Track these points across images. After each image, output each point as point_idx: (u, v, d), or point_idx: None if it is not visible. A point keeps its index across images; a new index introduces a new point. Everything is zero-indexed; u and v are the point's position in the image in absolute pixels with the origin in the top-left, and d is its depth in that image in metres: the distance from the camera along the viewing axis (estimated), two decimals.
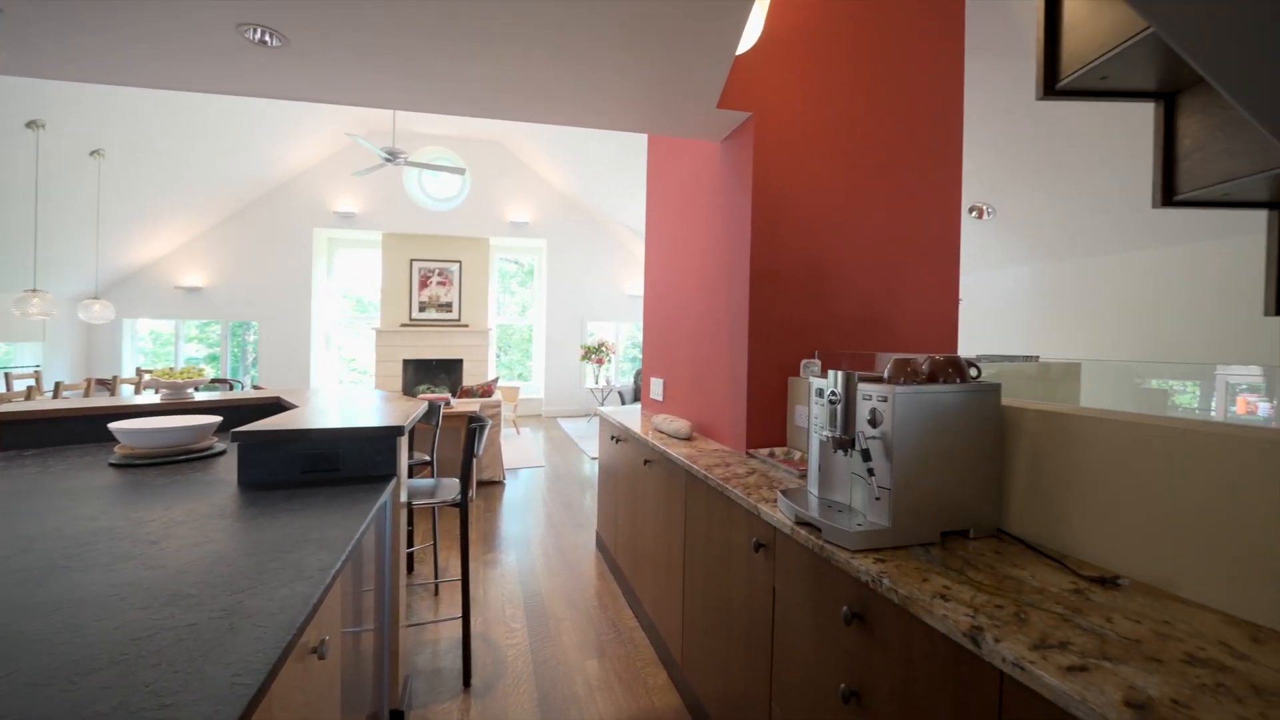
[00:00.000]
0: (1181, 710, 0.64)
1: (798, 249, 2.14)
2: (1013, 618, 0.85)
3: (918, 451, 1.14)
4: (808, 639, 1.23)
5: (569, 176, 8.14)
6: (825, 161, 2.17)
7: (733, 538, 1.61)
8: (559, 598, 2.78)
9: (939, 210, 2.27)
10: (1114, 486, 1.02)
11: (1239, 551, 0.85)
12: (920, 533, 1.14)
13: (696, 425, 2.55)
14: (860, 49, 2.21)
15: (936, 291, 2.27)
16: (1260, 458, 0.83)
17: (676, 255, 2.91)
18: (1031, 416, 1.17)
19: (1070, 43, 1.04)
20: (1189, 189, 1.01)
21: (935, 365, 1.26)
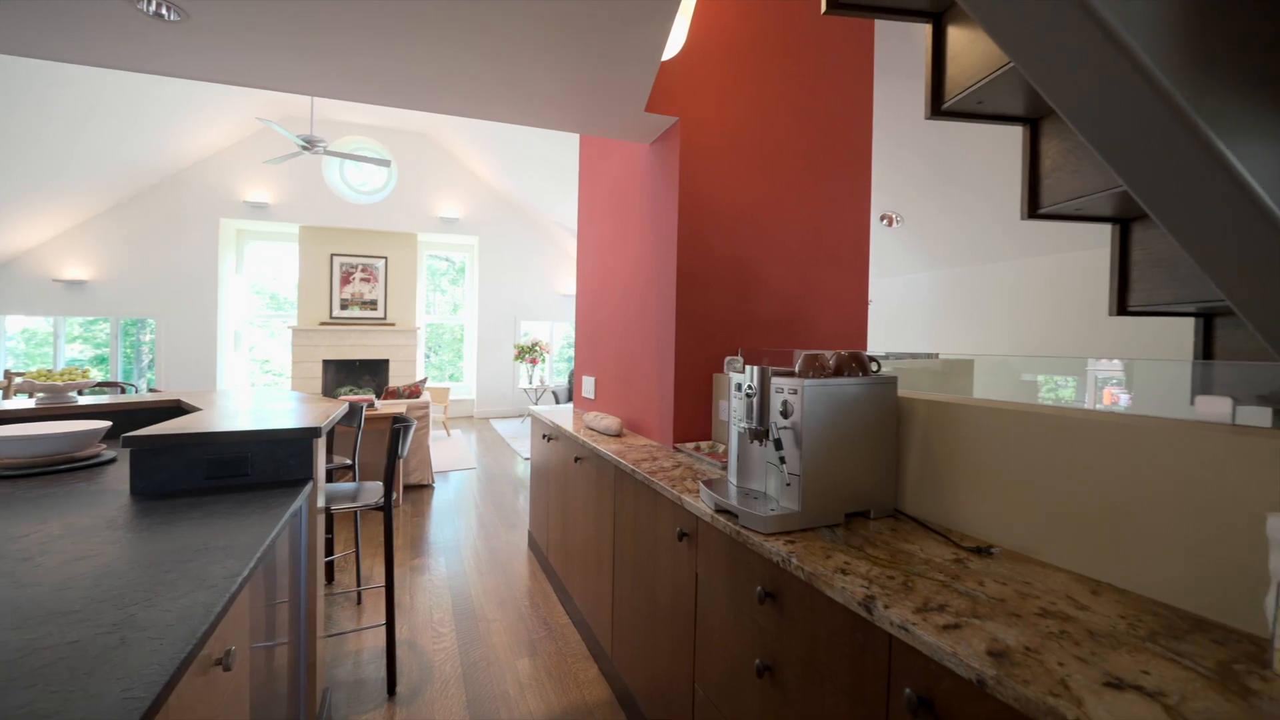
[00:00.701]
0: (1031, 655, 0.74)
1: (722, 251, 2.22)
2: (901, 587, 0.94)
3: (824, 439, 1.23)
4: (726, 620, 1.30)
5: (501, 173, 7.99)
6: (747, 168, 2.27)
7: (659, 529, 1.66)
8: (490, 599, 2.75)
9: (851, 217, 2.43)
10: (988, 467, 1.15)
11: (1083, 519, 0.98)
12: (827, 515, 1.23)
13: (627, 422, 2.59)
14: (779, 63, 2.33)
15: (848, 293, 2.43)
16: (1099, 438, 0.96)
17: (607, 255, 2.94)
18: (923, 406, 1.29)
19: (953, 69, 1.16)
20: (1049, 204, 1.15)
21: (841, 360, 1.36)
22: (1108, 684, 0.67)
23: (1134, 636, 0.78)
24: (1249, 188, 0.74)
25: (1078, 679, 0.68)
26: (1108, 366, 3.97)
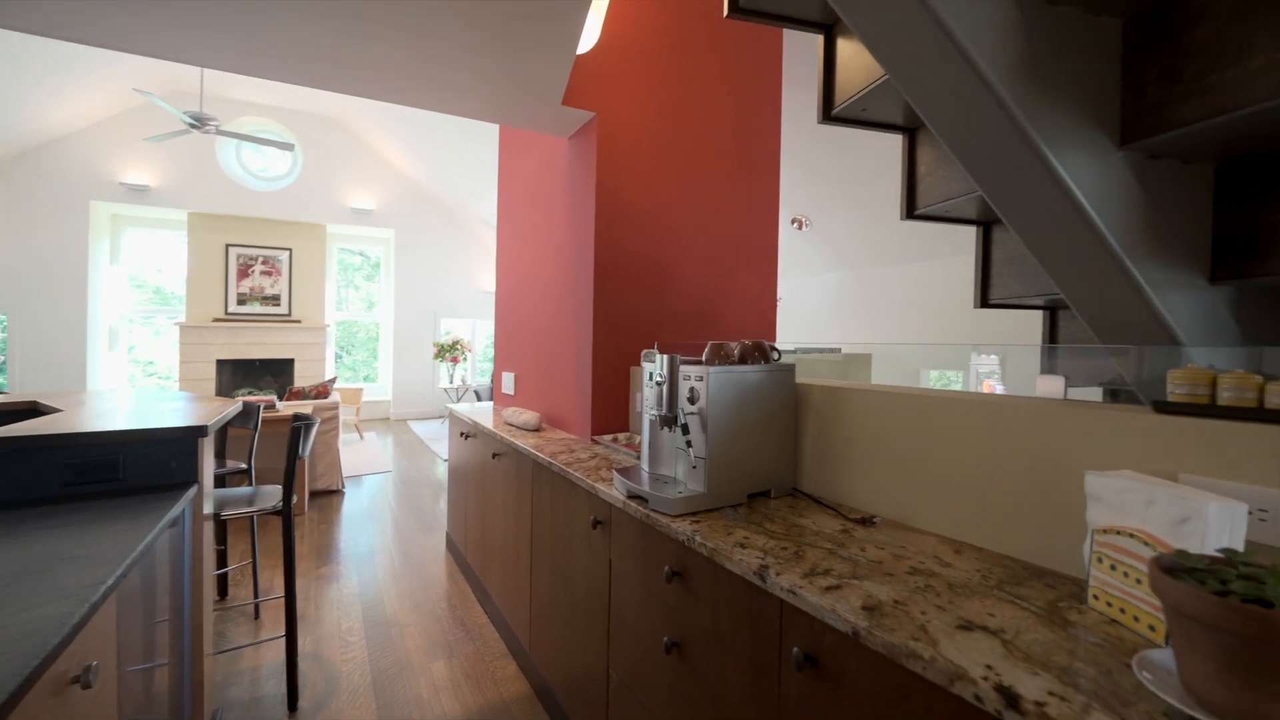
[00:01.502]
0: (899, 607, 0.82)
1: (638, 247, 2.26)
2: (793, 556, 1.00)
3: (728, 424, 1.29)
4: (638, 602, 1.33)
5: (420, 164, 7.67)
6: (662, 166, 2.32)
7: (574, 519, 1.67)
8: (404, 605, 2.64)
9: (760, 218, 2.55)
10: (872, 445, 1.25)
11: (950, 488, 1.10)
12: (731, 495, 1.29)
13: (546, 417, 2.58)
14: (692, 65, 2.40)
15: (758, 291, 2.55)
16: (961, 415, 1.08)
17: (527, 250, 2.91)
18: (818, 391, 1.39)
19: (841, 78, 1.25)
20: (924, 206, 1.27)
21: (745, 349, 1.43)
22: (960, 626, 0.76)
23: (985, 586, 0.88)
24: (1073, 194, 0.85)
25: (936, 624, 0.76)
26: (987, 362, 4.40)
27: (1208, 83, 0.77)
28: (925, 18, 0.82)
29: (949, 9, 0.80)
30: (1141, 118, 0.85)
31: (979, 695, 0.63)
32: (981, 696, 0.63)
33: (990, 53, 0.81)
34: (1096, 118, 0.86)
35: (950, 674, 0.66)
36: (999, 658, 0.68)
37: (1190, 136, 0.81)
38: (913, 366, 4.63)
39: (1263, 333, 0.97)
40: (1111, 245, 0.85)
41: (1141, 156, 0.88)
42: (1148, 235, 0.88)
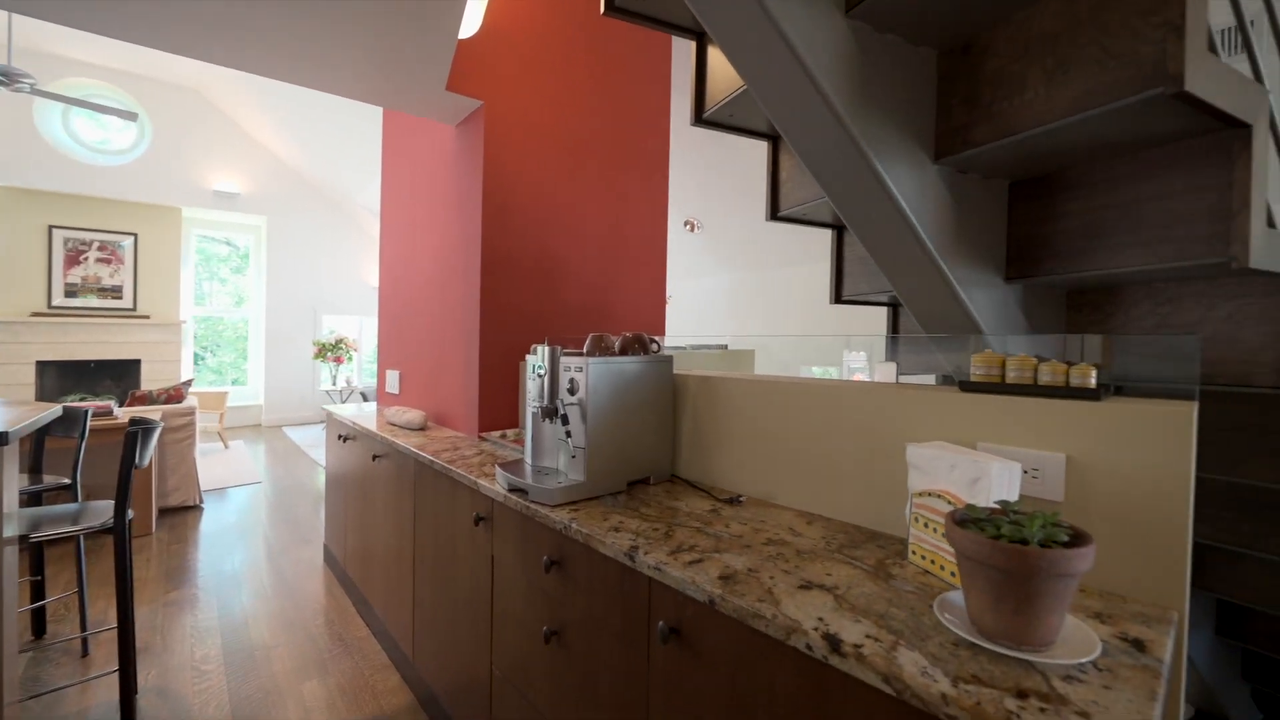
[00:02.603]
0: (752, 574, 0.88)
1: (528, 239, 2.24)
2: (663, 536, 1.05)
3: (608, 414, 1.32)
4: (519, 595, 1.32)
5: (296, 145, 7.03)
6: (552, 160, 2.32)
7: (457, 517, 1.62)
8: (273, 625, 2.42)
9: (650, 217, 2.62)
10: (740, 429, 1.33)
11: (804, 466, 1.20)
12: (611, 483, 1.32)
13: (433, 415, 2.48)
14: (582, 60, 2.42)
15: (648, 287, 2.62)
16: (813, 399, 1.18)
17: (412, 240, 2.78)
18: (694, 381, 1.46)
19: (711, 83, 1.32)
20: (786, 208, 1.37)
21: (625, 341, 1.46)
22: (801, 586, 0.83)
23: (828, 550, 0.98)
24: (897, 202, 0.97)
25: (781, 587, 0.83)
26: (858, 357, 4.84)
27: (995, 110, 0.91)
28: (774, 35, 0.89)
29: (794, 29, 0.88)
30: (949, 137, 0.98)
31: (810, 644, 0.70)
32: (812, 645, 0.70)
33: (828, 71, 0.90)
34: (916, 135, 0.98)
35: (788, 628, 0.73)
36: (830, 610, 0.76)
37: (984, 155, 0.95)
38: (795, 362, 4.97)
39: (1043, 323, 1.16)
40: (929, 247, 0.98)
41: (952, 171, 1.02)
42: (957, 239, 1.02)
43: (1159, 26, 0.72)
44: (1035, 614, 0.64)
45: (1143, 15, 0.74)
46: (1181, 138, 0.88)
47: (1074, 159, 0.99)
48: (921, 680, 0.61)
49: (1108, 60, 0.77)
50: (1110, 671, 0.62)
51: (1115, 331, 1.14)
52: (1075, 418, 0.84)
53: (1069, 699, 0.57)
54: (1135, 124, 0.83)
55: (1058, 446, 0.86)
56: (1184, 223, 0.88)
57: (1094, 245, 0.98)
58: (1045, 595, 0.63)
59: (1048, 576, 0.62)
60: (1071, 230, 1.01)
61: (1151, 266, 0.91)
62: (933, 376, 1.51)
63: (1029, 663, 0.64)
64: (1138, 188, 0.93)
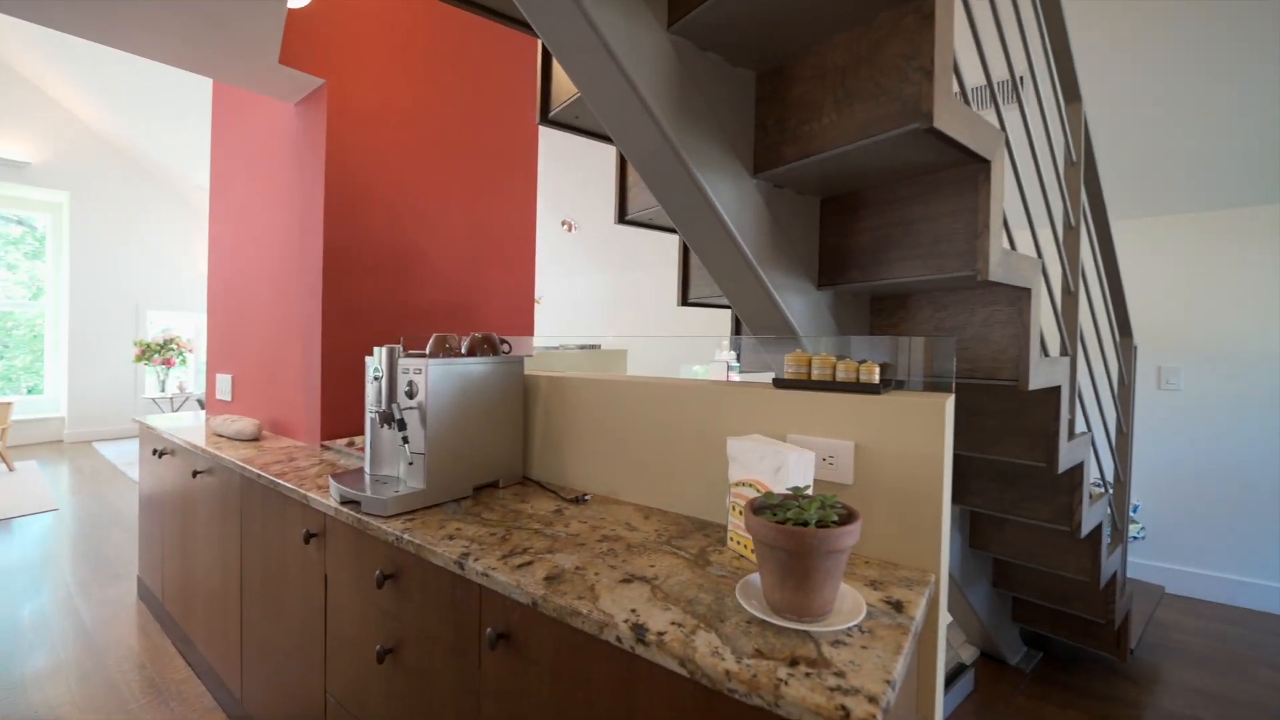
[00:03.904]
0: (579, 572, 0.89)
1: (380, 233, 2.10)
2: (499, 540, 1.03)
3: (451, 417, 1.27)
4: (354, 614, 1.23)
5: (110, 110, 5.97)
6: (409, 149, 2.19)
7: (288, 536, 1.48)
8: (62, 682, 2.04)
9: (518, 215, 2.57)
10: (588, 428, 1.35)
11: (645, 462, 1.24)
12: (454, 489, 1.28)
13: (271, 423, 2.24)
14: (443, 48, 2.31)
15: (516, 286, 2.57)
16: (653, 397, 1.22)
17: (246, 228, 2.48)
18: (544, 382, 1.45)
19: (557, 83, 1.32)
20: (632, 212, 1.41)
21: (474, 341, 1.42)
22: (623, 580, 0.86)
23: (657, 543, 1.02)
24: (718, 211, 1.03)
25: (604, 582, 0.85)
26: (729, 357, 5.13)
27: (799, 132, 1.01)
28: (598, 45, 0.90)
29: (617, 41, 0.90)
30: (764, 153, 1.06)
31: (620, 636, 0.73)
32: (621, 637, 0.72)
33: (650, 83, 0.93)
34: (735, 149, 1.05)
35: (601, 623, 0.75)
36: (644, 601, 0.79)
37: (794, 172, 1.05)
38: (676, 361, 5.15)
39: (851, 325, 1.30)
40: (747, 255, 1.06)
41: (769, 185, 1.11)
42: (774, 249, 1.11)
43: (916, 69, 0.84)
44: (813, 588, 0.71)
45: (905, 58, 0.85)
46: (943, 168, 1.03)
47: (869, 180, 1.11)
48: (711, 660, 0.65)
49: (881, 95, 0.88)
50: (871, 633, 0.71)
51: (906, 333, 1.31)
52: (862, 409, 0.95)
53: (832, 661, 0.64)
54: (906, 152, 0.96)
55: (849, 435, 0.96)
56: (946, 240, 1.03)
57: (883, 258, 1.12)
58: (820, 570, 0.70)
59: (821, 553, 0.69)
60: (866, 244, 1.14)
61: (924, 278, 1.06)
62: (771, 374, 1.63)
63: (807, 633, 0.71)
64: (914, 209, 1.07)
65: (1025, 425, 1.30)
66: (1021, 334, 1.12)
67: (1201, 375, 2.79)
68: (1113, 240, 1.71)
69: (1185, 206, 2.81)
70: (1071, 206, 1.43)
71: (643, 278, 5.40)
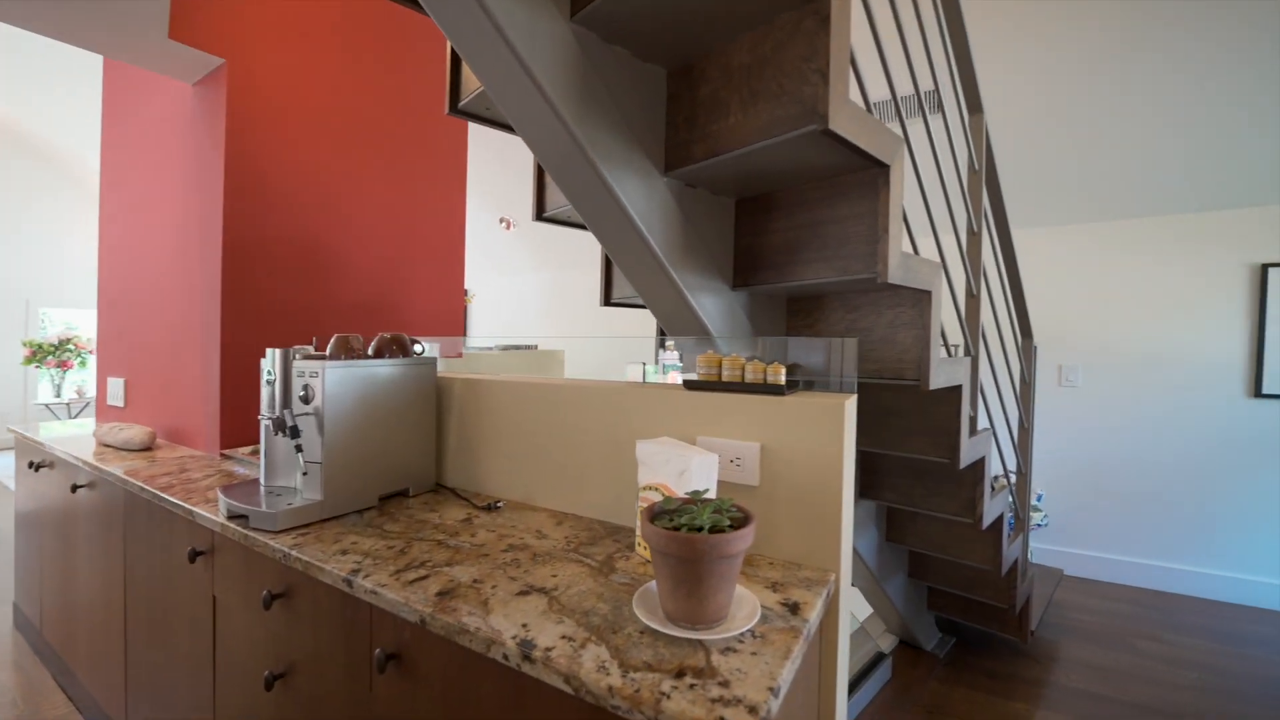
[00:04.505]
0: (474, 586, 0.85)
1: (290, 227, 1.96)
2: (397, 554, 0.97)
3: (353, 423, 1.19)
4: (244, 638, 1.14)
5: None
6: (322, 139, 2.06)
7: (175, 554, 1.35)
8: None
9: (446, 210, 2.47)
10: (504, 433, 1.30)
11: (559, 466, 1.20)
12: (356, 500, 1.20)
13: (167, 431, 2.06)
14: (359, 33, 2.18)
15: (444, 284, 2.47)
16: (567, 400, 1.19)
17: (140, 219, 2.28)
18: (459, 384, 1.39)
19: (466, 73, 1.27)
20: (550, 209, 1.37)
21: (382, 342, 1.35)
22: (520, 593, 0.82)
23: (565, 550, 0.99)
24: (626, 210, 1.00)
25: (500, 595, 0.81)
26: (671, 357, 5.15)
27: (708, 131, 1.00)
28: (494, 33, 0.86)
29: (514, 29, 0.87)
30: (674, 152, 1.05)
31: (506, 654, 0.69)
32: (508, 655, 0.69)
33: (551, 76, 0.90)
34: (644, 148, 1.04)
35: (488, 640, 0.71)
36: (539, 615, 0.76)
37: (705, 171, 1.04)
38: (620, 361, 5.13)
39: (767, 326, 1.32)
40: (658, 255, 1.04)
41: (681, 184, 1.10)
42: (686, 249, 1.10)
43: (814, 71, 0.84)
44: (706, 594, 0.70)
45: (804, 60, 0.86)
46: (847, 171, 1.05)
47: (779, 182, 1.12)
48: (596, 676, 0.62)
49: (783, 96, 0.88)
50: (763, 638, 0.71)
51: (821, 334, 1.33)
52: (768, 411, 0.95)
53: (719, 671, 0.63)
54: (810, 154, 0.97)
55: (756, 437, 0.96)
56: (850, 243, 1.05)
57: (793, 260, 1.13)
58: (713, 576, 0.69)
59: (712, 559, 0.68)
60: (778, 245, 1.15)
61: (830, 280, 1.08)
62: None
63: (699, 641, 0.69)
64: (822, 211, 1.09)
65: (930, 423, 1.35)
66: (923, 335, 1.16)
67: (1097, 373, 3.01)
68: (1013, 246, 1.81)
69: (1083, 217, 3.02)
70: (974, 213, 1.50)
71: (583, 277, 5.34)
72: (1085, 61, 2.37)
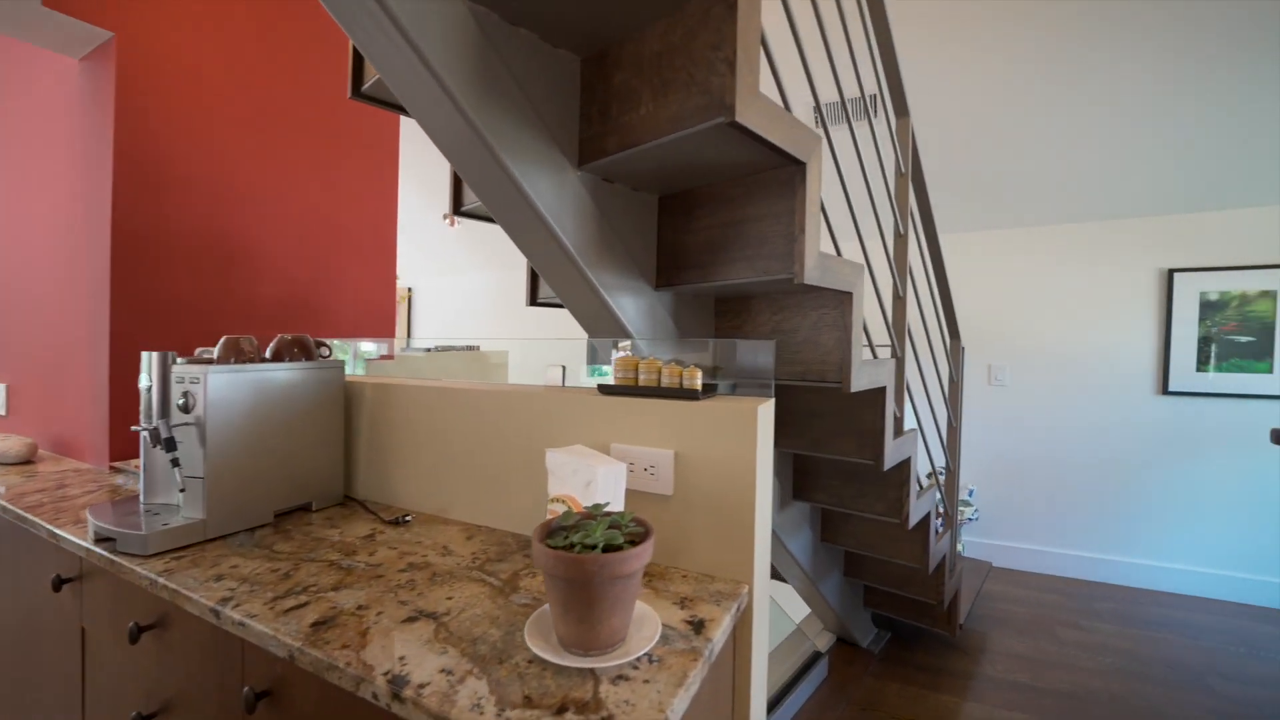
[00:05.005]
0: (357, 613, 0.77)
1: (194, 218, 1.81)
2: (280, 578, 0.88)
3: (242, 434, 1.09)
4: (113, 675, 1.03)
5: None
6: (231, 124, 1.91)
7: (41, 582, 1.21)
8: None
9: (376, 205, 2.35)
10: (418, 441, 1.22)
11: (472, 475, 1.14)
12: (247, 517, 1.10)
13: (52, 441, 1.87)
14: (277, 15, 2.04)
15: (375, 283, 2.35)
16: (481, 407, 1.12)
17: (25, 208, 2.07)
18: (370, 389, 1.30)
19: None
20: (467, 203, 1.30)
21: (281, 345, 1.24)
22: (407, 619, 0.75)
23: (469, 568, 0.92)
24: (534, 205, 0.95)
25: (383, 624, 0.74)
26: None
27: (621, 122, 0.95)
28: (377, 8, 0.79)
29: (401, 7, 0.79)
30: (588, 145, 1.00)
31: (376, 692, 0.63)
32: (378, 693, 0.62)
33: (444, 60, 0.83)
34: (555, 139, 0.98)
35: (357, 678, 0.64)
36: (422, 645, 0.69)
37: (618, 165, 1.00)
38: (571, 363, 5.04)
39: (695, 327, 1.29)
40: (571, 253, 0.99)
41: (597, 179, 1.05)
42: (603, 247, 1.05)
43: (721, 61, 0.81)
44: (598, 618, 0.65)
45: (713, 48, 0.82)
46: (767, 169, 1.02)
47: (699, 177, 1.09)
48: (469, 715, 0.57)
49: (693, 86, 0.85)
50: (660, 662, 0.66)
51: (748, 335, 1.31)
52: (683, 417, 0.91)
53: (605, 703, 0.59)
54: (725, 149, 0.94)
55: (670, 444, 0.92)
56: (769, 243, 1.02)
57: (715, 259, 1.10)
58: (605, 599, 0.64)
59: (603, 581, 0.63)
60: (700, 244, 1.12)
61: (750, 280, 1.05)
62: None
63: (590, 670, 0.64)
64: (744, 210, 1.06)
65: (856, 425, 1.35)
66: (845, 337, 1.15)
67: (1024, 373, 3.14)
68: (941, 249, 1.84)
69: (1011, 223, 3.14)
70: (900, 216, 1.52)
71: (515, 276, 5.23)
72: (1011, 73, 2.45)
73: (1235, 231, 2.74)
